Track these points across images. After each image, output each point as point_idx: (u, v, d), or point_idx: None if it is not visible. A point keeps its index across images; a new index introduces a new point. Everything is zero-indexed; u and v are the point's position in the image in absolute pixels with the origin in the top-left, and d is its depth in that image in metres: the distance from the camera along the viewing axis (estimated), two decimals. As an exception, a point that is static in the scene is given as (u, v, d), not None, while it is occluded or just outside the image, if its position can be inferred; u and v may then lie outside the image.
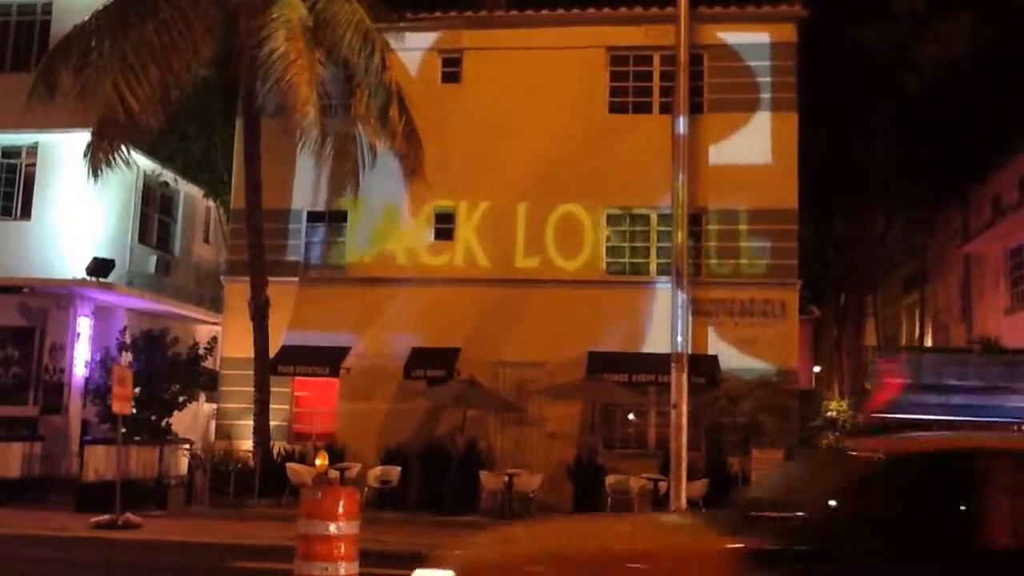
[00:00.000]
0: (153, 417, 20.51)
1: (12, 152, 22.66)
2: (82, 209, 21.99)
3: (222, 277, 22.07)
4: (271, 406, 19.37)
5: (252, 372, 19.28)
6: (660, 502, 16.73)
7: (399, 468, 18.56)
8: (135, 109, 17.65)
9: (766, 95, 20.12)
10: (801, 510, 5.37)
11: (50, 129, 21.15)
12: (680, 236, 16.28)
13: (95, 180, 18.48)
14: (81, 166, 18.54)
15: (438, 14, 21.23)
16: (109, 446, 17.12)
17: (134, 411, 18.02)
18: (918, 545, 5.17)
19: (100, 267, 20.89)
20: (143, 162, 22.99)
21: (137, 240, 23.84)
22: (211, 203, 26.46)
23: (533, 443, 19.52)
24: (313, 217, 21.37)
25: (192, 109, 22.56)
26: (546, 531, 6.47)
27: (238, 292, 20.28)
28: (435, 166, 20.48)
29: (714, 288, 19.67)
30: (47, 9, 22.85)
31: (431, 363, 19.54)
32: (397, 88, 19.47)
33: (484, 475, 18.06)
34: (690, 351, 16.74)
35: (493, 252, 20.49)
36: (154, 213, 25.02)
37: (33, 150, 22.54)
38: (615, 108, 20.69)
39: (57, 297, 21.26)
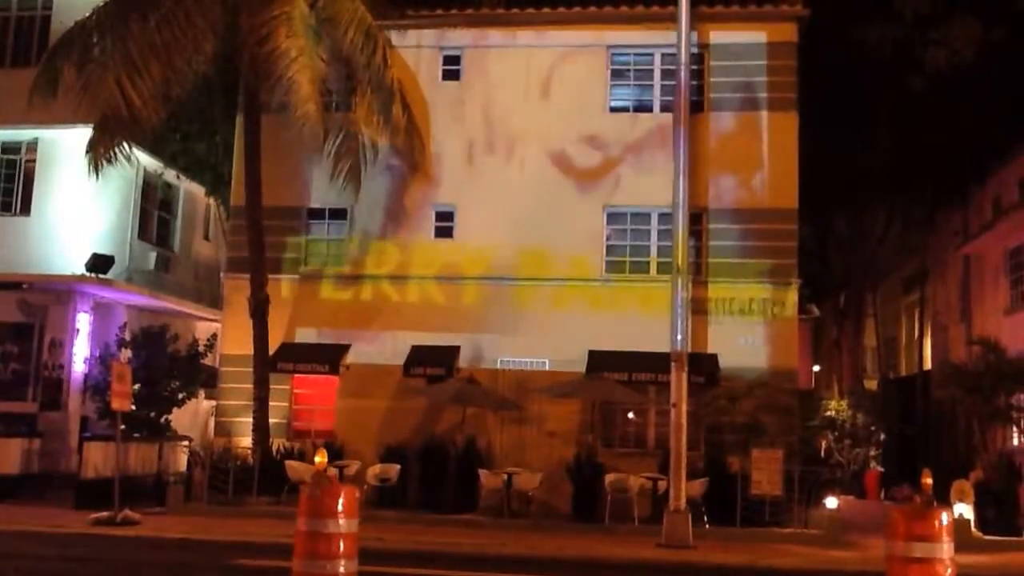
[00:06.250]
0: (152, 414, 20.53)
1: (12, 148, 22.63)
2: (82, 205, 21.97)
3: (222, 274, 22.04)
4: (270, 403, 19.33)
5: (251, 369, 19.24)
6: (659, 501, 16.73)
7: (398, 466, 18.53)
8: (137, 105, 17.60)
9: (767, 94, 20.11)
10: None
11: (50, 125, 21.11)
12: (680, 235, 16.37)
13: (96, 176, 18.42)
14: (81, 162, 18.49)
15: (439, 12, 21.19)
16: (108, 443, 17.13)
17: (133, 408, 18.05)
18: None
19: (100, 263, 20.90)
20: (144, 159, 22.97)
21: (137, 236, 23.79)
22: (211, 200, 26.43)
23: (532, 442, 19.50)
24: (313, 214, 21.35)
25: (194, 108, 22.56)
26: None
27: (238, 289, 20.26)
28: (436, 164, 20.54)
29: (714, 287, 19.66)
30: (47, 4, 22.82)
31: (431, 361, 19.55)
32: (399, 86, 19.48)
33: (483, 474, 18.04)
34: (690, 350, 16.82)
35: (493, 250, 20.46)
36: (154, 210, 24.99)
37: (33, 146, 22.51)
38: (615, 107, 20.69)
39: (57, 293, 21.25)
